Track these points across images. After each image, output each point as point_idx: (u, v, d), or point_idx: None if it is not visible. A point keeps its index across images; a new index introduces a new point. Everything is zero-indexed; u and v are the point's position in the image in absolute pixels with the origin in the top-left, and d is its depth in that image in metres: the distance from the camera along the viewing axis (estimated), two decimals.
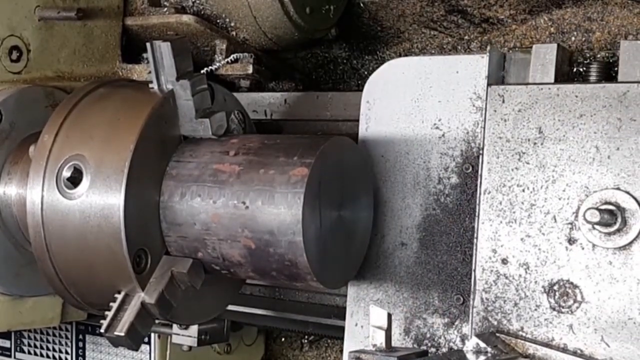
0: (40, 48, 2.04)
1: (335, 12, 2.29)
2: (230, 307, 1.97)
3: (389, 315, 1.46)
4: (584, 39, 2.11)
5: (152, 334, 2.31)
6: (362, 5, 2.37)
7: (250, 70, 2.12)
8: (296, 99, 2.13)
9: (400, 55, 2.39)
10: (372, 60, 2.45)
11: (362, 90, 1.82)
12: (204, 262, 1.66)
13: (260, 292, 2.20)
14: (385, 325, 1.45)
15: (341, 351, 2.68)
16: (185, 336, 2.25)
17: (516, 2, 2.19)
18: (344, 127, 2.02)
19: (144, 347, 2.32)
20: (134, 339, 1.62)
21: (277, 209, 1.54)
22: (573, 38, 2.12)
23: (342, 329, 2.05)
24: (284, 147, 1.62)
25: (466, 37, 2.30)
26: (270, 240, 1.56)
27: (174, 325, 2.25)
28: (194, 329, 2.24)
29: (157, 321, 1.73)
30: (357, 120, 1.88)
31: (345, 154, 1.66)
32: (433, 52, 2.34)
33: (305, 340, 2.75)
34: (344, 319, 1.88)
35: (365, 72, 2.45)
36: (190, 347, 2.29)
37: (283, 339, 2.76)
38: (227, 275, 1.70)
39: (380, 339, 1.45)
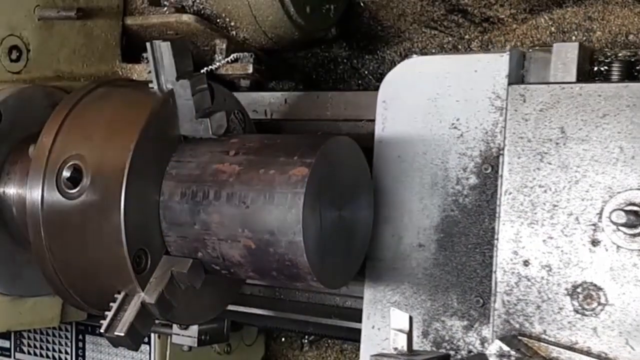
0: (40, 48, 2.03)
1: (336, 11, 2.29)
2: (230, 307, 1.97)
3: (410, 318, 1.43)
4: (584, 38, 2.10)
5: (152, 334, 2.31)
6: (362, 4, 2.37)
7: (250, 69, 2.12)
8: (296, 98, 2.13)
9: (400, 55, 2.39)
10: (372, 60, 2.45)
11: (362, 90, 1.81)
12: (204, 262, 1.66)
13: (260, 292, 2.19)
14: (406, 328, 1.43)
15: (341, 351, 2.68)
16: (185, 336, 2.25)
17: (517, 2, 2.18)
18: (344, 126, 2.02)
19: (144, 347, 2.32)
20: (134, 339, 1.62)
21: (277, 209, 1.54)
22: (574, 37, 2.12)
23: (342, 329, 2.05)
24: (284, 147, 1.62)
25: (467, 37, 2.30)
26: (271, 240, 1.55)
27: (174, 325, 2.24)
28: (194, 329, 2.23)
29: (157, 321, 1.73)
30: (357, 120, 1.88)
31: (345, 153, 1.66)
32: (434, 51, 2.33)
33: (305, 340, 2.75)
34: (344, 319, 1.88)
35: (366, 72, 2.45)
36: (190, 347, 2.29)
37: (283, 339, 2.76)
38: (227, 275, 1.69)
39: (401, 342, 1.43)
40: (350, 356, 2.67)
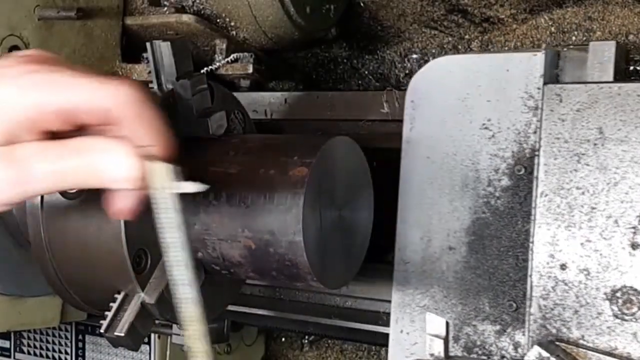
0: (40, 47, 2.03)
1: (336, 11, 2.29)
2: (230, 307, 1.97)
3: (447, 324, 1.41)
4: (584, 38, 2.10)
5: (152, 334, 2.31)
6: (362, 4, 2.37)
7: (250, 69, 2.12)
8: (296, 98, 2.13)
9: (400, 55, 2.39)
10: (372, 60, 2.45)
11: (362, 90, 1.80)
12: (204, 262, 1.65)
13: (260, 292, 2.19)
14: (442, 334, 1.40)
15: (341, 351, 2.68)
16: None
17: (517, 2, 2.19)
18: (344, 126, 2.02)
19: (144, 347, 2.32)
20: (134, 339, 1.61)
21: (277, 208, 1.54)
22: (574, 37, 2.12)
23: (343, 329, 2.05)
24: (284, 147, 1.62)
25: (467, 37, 2.30)
26: (271, 241, 1.55)
27: (174, 325, 2.24)
28: None
29: (157, 321, 1.72)
30: (357, 120, 1.87)
31: (345, 153, 1.65)
32: (434, 51, 2.33)
33: (306, 340, 2.75)
34: (344, 319, 1.87)
35: (366, 72, 2.45)
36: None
37: (283, 339, 2.76)
38: (227, 275, 1.69)
39: (438, 348, 1.41)
40: (350, 356, 2.67)
